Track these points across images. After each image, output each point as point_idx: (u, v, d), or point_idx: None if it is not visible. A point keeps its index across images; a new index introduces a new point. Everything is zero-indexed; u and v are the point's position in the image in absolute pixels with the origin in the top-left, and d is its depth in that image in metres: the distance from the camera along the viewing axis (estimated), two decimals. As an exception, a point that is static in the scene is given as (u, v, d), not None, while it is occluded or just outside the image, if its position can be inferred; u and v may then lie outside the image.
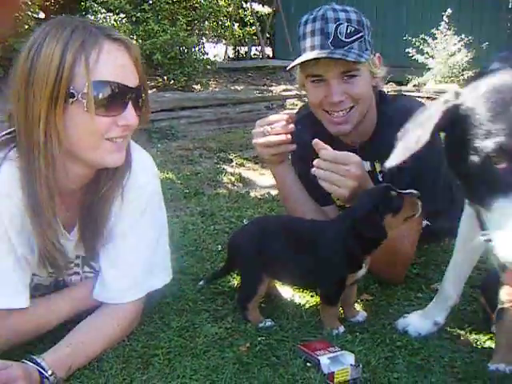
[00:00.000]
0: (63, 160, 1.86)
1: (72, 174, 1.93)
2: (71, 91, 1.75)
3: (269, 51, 13.31)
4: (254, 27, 10.11)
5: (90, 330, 2.00)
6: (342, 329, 2.16)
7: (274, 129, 2.43)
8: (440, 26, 7.78)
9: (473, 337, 2.14)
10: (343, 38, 2.35)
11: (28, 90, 1.76)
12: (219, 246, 3.00)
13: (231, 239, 2.46)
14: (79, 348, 1.91)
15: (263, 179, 4.81)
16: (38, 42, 1.77)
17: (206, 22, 9.25)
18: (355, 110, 2.43)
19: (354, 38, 2.36)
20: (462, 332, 2.18)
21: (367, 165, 2.54)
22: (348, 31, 2.35)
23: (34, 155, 1.80)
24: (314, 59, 2.34)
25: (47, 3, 10.96)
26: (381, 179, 2.53)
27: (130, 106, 1.85)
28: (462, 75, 7.78)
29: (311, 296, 2.44)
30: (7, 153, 1.86)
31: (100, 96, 1.77)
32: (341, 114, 2.42)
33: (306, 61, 2.35)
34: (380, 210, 2.09)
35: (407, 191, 2.12)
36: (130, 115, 1.85)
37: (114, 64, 1.80)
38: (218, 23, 9.55)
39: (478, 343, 2.10)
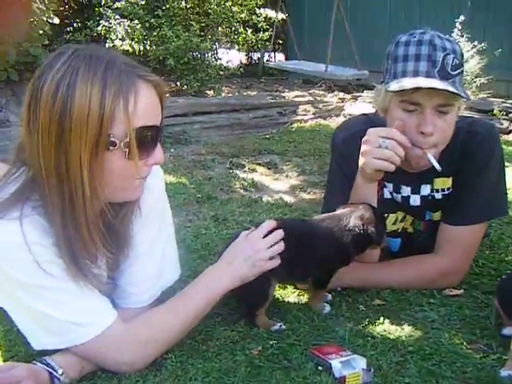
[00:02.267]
0: None
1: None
2: (111, 139, 1.68)
3: (281, 57, 13.33)
4: (267, 33, 10.09)
5: None
6: (328, 308, 2.36)
7: (392, 143, 2.21)
8: (453, 32, 7.76)
9: (485, 342, 2.14)
10: (449, 70, 2.22)
11: (64, 134, 1.64)
12: (231, 251, 3.00)
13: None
14: None
15: (276, 184, 4.82)
16: (67, 78, 1.63)
17: (220, 28, 9.28)
18: (436, 149, 2.31)
19: (458, 71, 2.25)
20: (474, 338, 2.17)
21: (427, 188, 2.56)
22: (453, 63, 2.23)
23: (73, 201, 1.71)
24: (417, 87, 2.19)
25: (62, 8, 11.03)
26: (440, 196, 2.57)
27: (158, 144, 1.83)
28: (475, 82, 7.76)
29: (324, 301, 2.44)
30: (21, 209, 1.74)
31: (140, 143, 1.73)
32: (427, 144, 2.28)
33: (414, 88, 2.18)
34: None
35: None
36: (159, 154, 1.83)
37: (150, 107, 1.76)
38: (231, 29, 9.57)
39: (490, 349, 2.09)
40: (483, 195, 2.47)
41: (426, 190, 2.56)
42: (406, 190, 2.59)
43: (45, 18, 7.10)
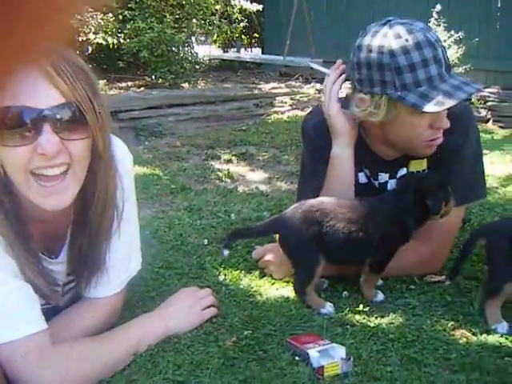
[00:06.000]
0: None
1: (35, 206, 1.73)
2: None
3: (257, 51, 13.23)
4: (242, 24, 10.00)
5: (62, 324, 1.91)
6: (381, 296, 2.29)
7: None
8: (429, 22, 7.70)
9: (468, 328, 2.06)
10: (447, 62, 2.22)
11: None
12: (205, 240, 2.91)
13: (277, 225, 2.36)
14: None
15: (252, 175, 4.73)
16: None
17: (194, 20, 9.15)
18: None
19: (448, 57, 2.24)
20: (457, 324, 2.09)
21: (403, 171, 2.50)
22: (445, 52, 2.24)
23: None
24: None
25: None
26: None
27: (46, 129, 1.58)
28: (453, 71, 7.71)
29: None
30: None
31: (3, 126, 1.55)
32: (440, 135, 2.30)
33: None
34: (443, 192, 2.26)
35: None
36: (46, 141, 1.57)
37: (20, 83, 1.53)
38: (205, 21, 9.44)
39: (474, 335, 2.02)
40: (461, 178, 2.39)
41: (402, 173, 2.50)
42: (383, 177, 2.53)
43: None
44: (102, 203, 1.82)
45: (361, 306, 2.20)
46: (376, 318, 2.13)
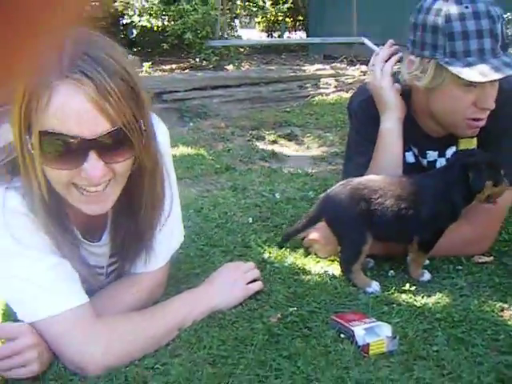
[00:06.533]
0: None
1: None
2: (28, 140, 1.55)
3: (302, 35, 13.13)
4: (286, 5, 9.94)
5: (106, 299, 1.92)
6: (427, 275, 2.25)
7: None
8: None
9: (517, 310, 2.02)
10: (506, 40, 2.15)
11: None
12: (250, 219, 2.91)
13: (324, 203, 2.35)
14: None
15: (296, 155, 4.71)
16: None
17: (238, 1, 9.13)
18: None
19: (510, 36, 2.19)
20: (506, 305, 2.05)
21: (453, 150, 2.45)
22: (507, 30, 2.17)
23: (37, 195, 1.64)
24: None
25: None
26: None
27: (92, 157, 1.56)
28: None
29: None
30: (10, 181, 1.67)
31: (46, 149, 1.55)
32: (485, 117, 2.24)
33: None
34: (488, 170, 2.19)
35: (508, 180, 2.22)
36: (91, 168, 1.56)
37: (67, 110, 1.51)
38: (249, 2, 9.42)
39: (523, 316, 1.98)
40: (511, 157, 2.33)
41: (451, 152, 2.45)
42: (432, 155, 2.48)
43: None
44: (150, 204, 1.83)
45: (407, 286, 2.17)
46: (422, 297, 2.10)
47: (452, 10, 2.13)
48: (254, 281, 2.16)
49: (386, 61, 2.45)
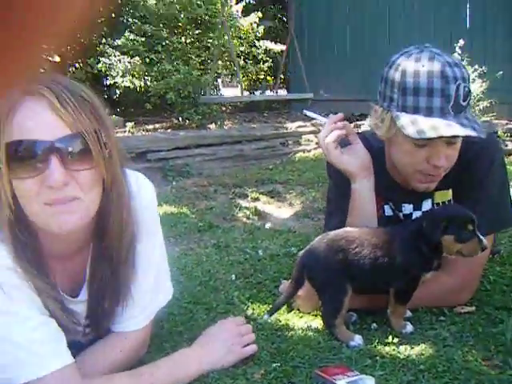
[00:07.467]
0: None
1: (53, 240, 1.77)
2: None
3: (283, 92, 13.32)
4: (267, 63, 10.13)
5: (91, 359, 1.90)
6: (410, 327, 2.25)
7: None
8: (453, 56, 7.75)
9: (500, 359, 2.02)
10: (461, 102, 2.15)
11: None
12: (233, 276, 2.92)
13: (303, 259, 2.35)
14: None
15: (279, 212, 4.74)
16: None
17: (220, 62, 9.30)
18: (444, 171, 2.29)
19: (468, 99, 2.18)
20: (489, 354, 2.06)
21: (428, 203, 2.49)
22: (464, 92, 2.15)
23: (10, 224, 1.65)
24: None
25: (63, 49, 11.08)
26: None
27: (53, 161, 1.58)
28: (478, 105, 7.71)
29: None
30: None
31: (11, 159, 1.57)
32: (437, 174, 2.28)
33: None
34: (446, 225, 2.17)
35: (481, 235, 2.16)
36: (52, 172, 1.58)
37: (29, 119, 1.58)
38: (230, 62, 9.60)
39: (507, 365, 1.98)
40: (487, 208, 2.36)
41: (427, 205, 2.49)
42: (408, 208, 2.52)
43: (44, 56, 7.09)
44: (117, 236, 1.82)
45: (390, 338, 2.17)
46: (406, 349, 2.10)
47: (409, 67, 2.19)
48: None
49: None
